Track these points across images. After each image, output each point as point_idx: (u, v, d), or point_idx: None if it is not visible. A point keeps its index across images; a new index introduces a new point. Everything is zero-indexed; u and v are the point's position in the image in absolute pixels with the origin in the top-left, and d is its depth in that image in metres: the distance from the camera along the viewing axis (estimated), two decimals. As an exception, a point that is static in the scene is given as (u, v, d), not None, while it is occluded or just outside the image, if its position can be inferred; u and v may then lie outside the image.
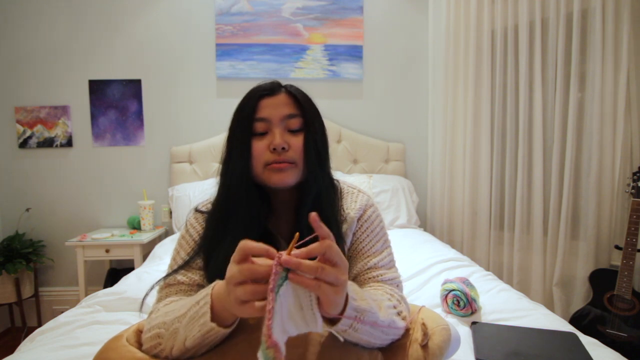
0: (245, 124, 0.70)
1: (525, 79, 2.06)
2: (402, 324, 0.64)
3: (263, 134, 0.70)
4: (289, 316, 0.47)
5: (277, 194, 0.73)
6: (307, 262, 0.47)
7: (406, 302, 0.71)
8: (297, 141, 0.70)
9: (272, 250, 0.48)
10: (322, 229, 0.48)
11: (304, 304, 0.48)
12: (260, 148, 0.69)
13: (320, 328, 0.48)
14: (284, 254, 0.47)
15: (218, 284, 0.55)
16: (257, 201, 0.71)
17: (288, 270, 0.47)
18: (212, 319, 0.53)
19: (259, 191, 0.72)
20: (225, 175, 0.72)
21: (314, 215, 0.47)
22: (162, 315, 0.62)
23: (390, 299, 0.67)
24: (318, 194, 0.72)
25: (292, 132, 0.71)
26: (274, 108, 0.70)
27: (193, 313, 0.55)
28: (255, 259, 0.48)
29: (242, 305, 0.48)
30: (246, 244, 0.48)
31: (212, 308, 0.53)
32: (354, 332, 0.55)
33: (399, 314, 0.65)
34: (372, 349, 0.63)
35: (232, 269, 0.49)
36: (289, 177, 0.69)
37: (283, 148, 0.68)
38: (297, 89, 0.74)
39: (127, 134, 2.42)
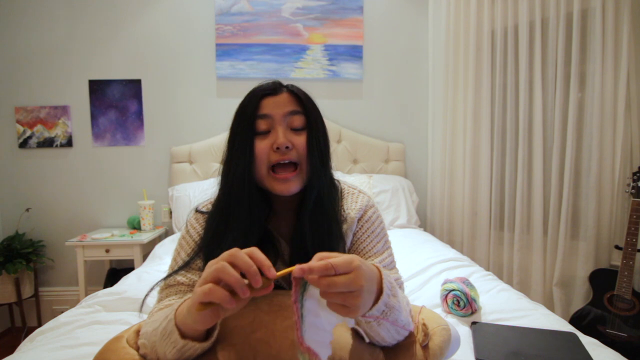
0: (247, 122, 0.69)
1: (525, 79, 2.06)
2: (412, 325, 0.64)
3: (266, 133, 0.69)
4: (322, 315, 0.48)
5: (278, 195, 0.73)
6: (319, 280, 0.46)
7: (409, 304, 0.71)
8: (301, 140, 0.69)
9: (267, 263, 0.47)
10: (315, 269, 0.46)
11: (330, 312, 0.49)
12: (263, 148, 0.68)
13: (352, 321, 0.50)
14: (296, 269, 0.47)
15: (187, 301, 0.54)
16: (259, 202, 0.70)
17: (305, 287, 0.48)
18: (183, 336, 0.53)
19: (260, 192, 0.71)
20: (227, 175, 0.71)
21: (297, 269, 0.46)
22: (149, 323, 0.62)
23: (404, 296, 0.67)
24: (319, 194, 0.72)
25: (295, 130, 0.70)
26: (277, 106, 0.69)
27: (162, 329, 0.55)
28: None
29: (200, 308, 0.47)
30: (237, 251, 0.48)
31: (178, 326, 0.53)
32: (377, 325, 0.56)
33: (410, 312, 0.65)
34: (374, 348, 0.63)
35: (207, 268, 0.48)
36: (293, 186, 0.69)
37: (287, 147, 0.67)
38: (299, 89, 0.73)
39: (127, 134, 2.42)
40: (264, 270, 0.47)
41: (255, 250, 0.48)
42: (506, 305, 1.15)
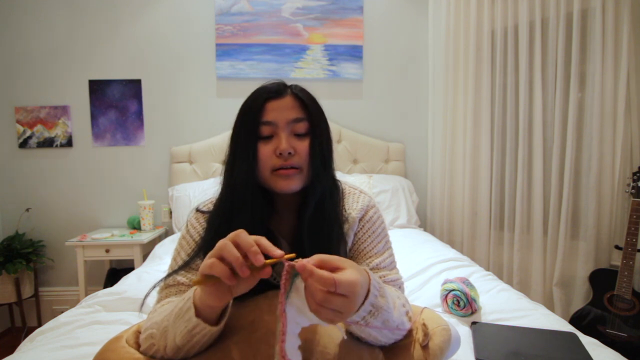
0: (250, 126, 0.69)
1: (525, 79, 2.06)
2: (408, 325, 0.64)
3: (269, 137, 0.69)
4: (299, 312, 0.48)
5: (280, 195, 0.73)
6: (322, 272, 0.46)
7: (409, 304, 0.71)
8: (303, 146, 0.70)
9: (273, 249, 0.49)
10: (316, 277, 0.46)
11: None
12: (266, 152, 0.68)
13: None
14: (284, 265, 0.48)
15: None
16: (261, 203, 0.71)
17: (295, 278, 0.48)
18: (197, 315, 0.54)
19: (262, 192, 0.72)
20: (230, 177, 0.72)
21: (300, 266, 0.47)
22: (157, 314, 0.62)
23: (399, 297, 0.67)
24: (321, 195, 0.72)
25: (298, 135, 0.70)
26: (280, 111, 0.69)
27: (178, 310, 0.56)
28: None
29: (203, 281, 0.50)
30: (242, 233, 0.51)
31: (195, 304, 0.54)
32: (365, 325, 0.55)
33: (407, 313, 0.65)
34: (374, 348, 0.63)
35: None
36: (295, 184, 0.69)
37: (289, 153, 0.68)
38: (303, 90, 0.73)
39: (127, 134, 2.42)
40: (267, 252, 0.49)
41: (260, 238, 0.50)
42: (506, 305, 1.15)
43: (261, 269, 0.49)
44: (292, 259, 0.49)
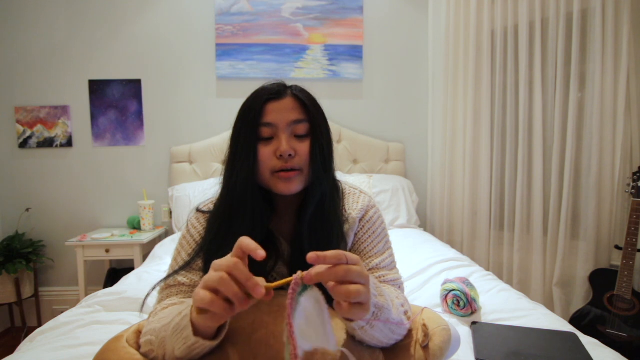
0: (250, 128, 0.69)
1: (525, 79, 2.06)
2: (407, 324, 0.64)
3: (269, 139, 0.69)
4: (302, 335, 0.45)
5: (280, 196, 0.72)
6: (333, 269, 0.46)
7: (408, 303, 0.71)
8: (304, 147, 0.69)
9: (262, 251, 0.46)
10: (327, 258, 0.46)
11: (326, 320, 0.46)
12: (266, 154, 0.68)
13: (334, 347, 0.46)
14: (299, 274, 0.46)
15: None
16: (261, 204, 0.70)
17: (305, 288, 0.46)
18: (196, 333, 0.52)
19: (262, 193, 0.71)
20: (230, 178, 0.71)
21: (312, 256, 0.46)
22: (156, 321, 0.61)
23: (398, 297, 0.67)
24: (321, 196, 0.72)
25: (299, 137, 0.70)
26: (281, 113, 0.69)
27: (175, 325, 0.55)
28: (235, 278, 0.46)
29: (199, 312, 0.48)
30: (243, 240, 0.47)
31: (192, 321, 0.52)
32: (370, 328, 0.55)
33: (405, 312, 0.65)
34: (374, 349, 0.63)
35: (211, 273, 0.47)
36: (295, 186, 0.69)
37: (290, 155, 0.67)
38: (304, 91, 0.73)
39: (127, 134, 2.42)
40: (251, 253, 0.47)
41: (245, 244, 0.47)
42: (506, 305, 1.15)
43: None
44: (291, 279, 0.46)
